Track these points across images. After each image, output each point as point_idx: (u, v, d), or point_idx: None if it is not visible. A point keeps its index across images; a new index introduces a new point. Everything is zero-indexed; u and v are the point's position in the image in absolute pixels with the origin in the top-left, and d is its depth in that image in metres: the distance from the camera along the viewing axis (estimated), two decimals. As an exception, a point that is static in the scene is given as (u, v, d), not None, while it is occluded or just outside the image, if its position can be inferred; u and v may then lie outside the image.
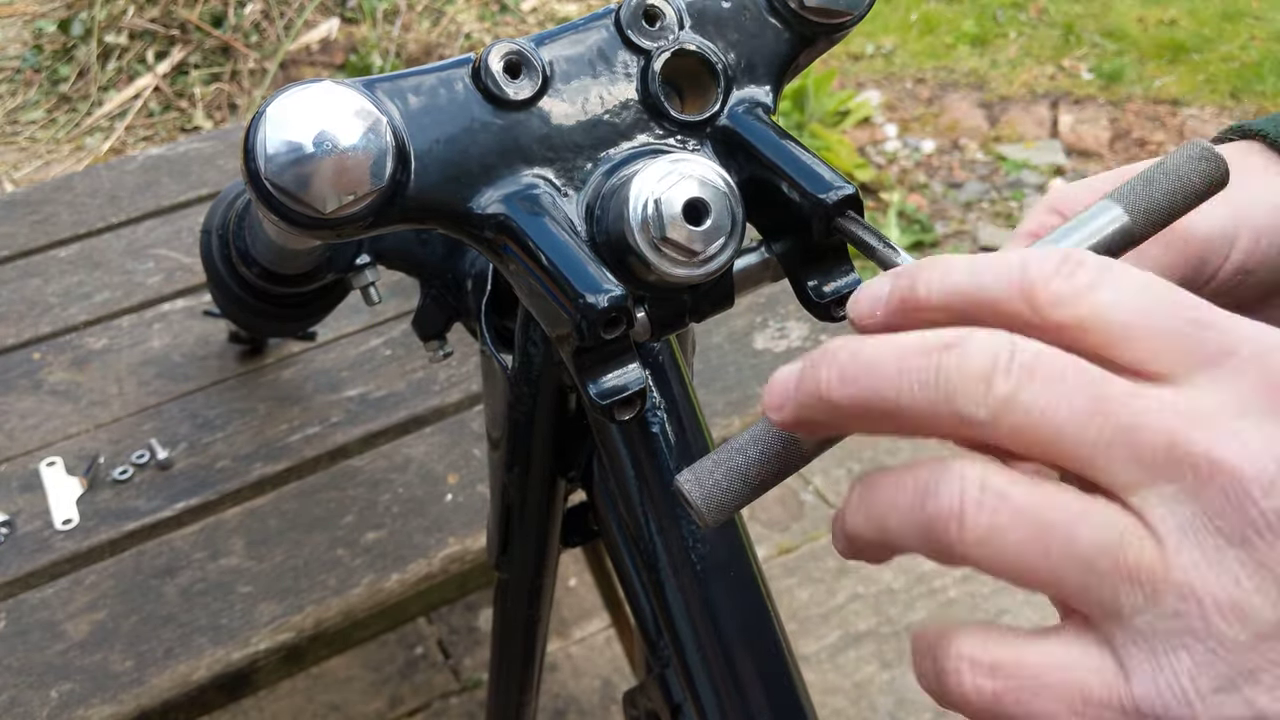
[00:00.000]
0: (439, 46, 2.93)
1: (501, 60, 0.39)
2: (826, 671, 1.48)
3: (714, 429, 0.92)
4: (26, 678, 0.80)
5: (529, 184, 0.39)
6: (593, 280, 0.35)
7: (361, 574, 0.87)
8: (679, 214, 0.36)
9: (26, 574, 0.88)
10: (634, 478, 0.50)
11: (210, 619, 0.84)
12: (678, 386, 0.50)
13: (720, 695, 0.49)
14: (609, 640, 1.51)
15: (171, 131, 2.69)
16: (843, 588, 1.58)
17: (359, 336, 1.10)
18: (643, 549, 0.51)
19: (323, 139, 0.35)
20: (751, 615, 0.49)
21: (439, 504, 0.93)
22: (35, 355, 1.09)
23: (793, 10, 0.42)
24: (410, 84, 0.38)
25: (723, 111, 0.41)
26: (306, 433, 1.00)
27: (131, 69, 2.78)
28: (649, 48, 0.40)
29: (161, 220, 1.27)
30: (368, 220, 0.37)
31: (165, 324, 1.12)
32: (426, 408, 1.02)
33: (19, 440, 1.00)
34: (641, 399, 0.38)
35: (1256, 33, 2.93)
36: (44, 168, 2.59)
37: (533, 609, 0.70)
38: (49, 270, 1.20)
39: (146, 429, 1.00)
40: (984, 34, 3.02)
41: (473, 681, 1.46)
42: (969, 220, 2.41)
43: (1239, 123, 0.45)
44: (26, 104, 2.78)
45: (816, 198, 0.37)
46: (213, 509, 0.93)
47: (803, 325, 1.09)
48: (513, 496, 0.63)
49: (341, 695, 1.44)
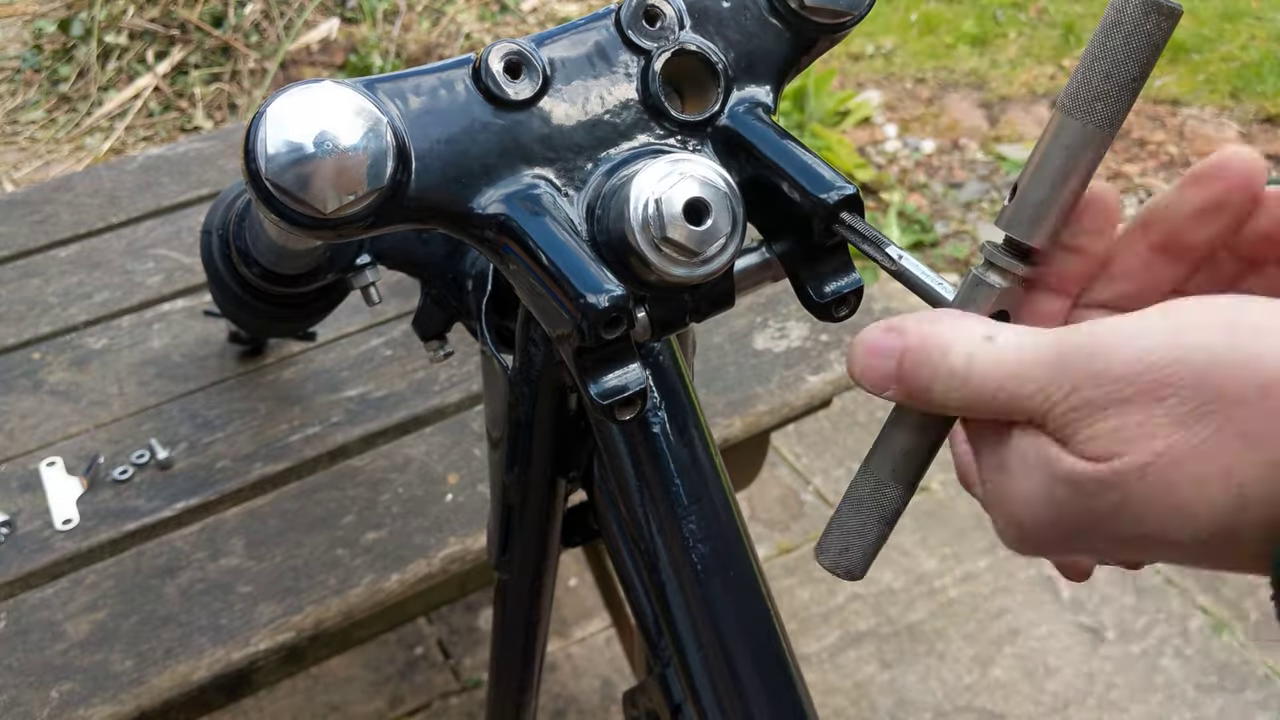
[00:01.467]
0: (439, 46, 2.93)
1: (502, 60, 0.39)
2: (826, 671, 1.48)
3: (714, 429, 0.92)
4: (26, 678, 0.80)
5: (530, 184, 0.39)
6: (593, 280, 0.35)
7: (361, 574, 0.87)
8: (679, 214, 0.36)
9: (26, 574, 0.88)
10: (634, 478, 0.50)
11: (210, 619, 0.84)
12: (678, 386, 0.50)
13: (720, 695, 0.49)
14: (609, 640, 1.51)
15: (171, 131, 2.69)
16: (843, 588, 1.58)
17: (359, 336, 1.10)
18: (643, 549, 0.51)
19: (323, 139, 0.35)
20: (751, 615, 0.49)
21: (439, 504, 0.93)
22: (35, 355, 1.09)
23: (793, 10, 0.42)
24: (411, 84, 0.38)
25: (723, 111, 0.41)
26: (306, 433, 1.00)
27: (131, 69, 2.78)
28: (649, 48, 0.40)
29: (161, 220, 1.27)
30: (368, 220, 0.37)
31: (165, 324, 1.12)
32: (427, 408, 1.02)
33: (19, 440, 1.00)
34: (642, 399, 0.38)
35: (1256, 33, 2.93)
36: (44, 168, 2.59)
37: (533, 609, 0.70)
38: (49, 270, 1.20)
39: (146, 429, 1.00)
40: (984, 34, 3.02)
41: (473, 681, 1.46)
42: (969, 220, 2.41)
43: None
44: (26, 104, 2.78)
45: (817, 198, 0.37)
46: (213, 509, 0.93)
47: (803, 325, 1.09)
48: (513, 496, 0.63)
49: (341, 695, 1.44)
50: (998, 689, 1.45)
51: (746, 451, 1.09)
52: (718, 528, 0.49)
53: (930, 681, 1.47)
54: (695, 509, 0.49)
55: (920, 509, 1.68)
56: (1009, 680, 1.46)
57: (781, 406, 1.01)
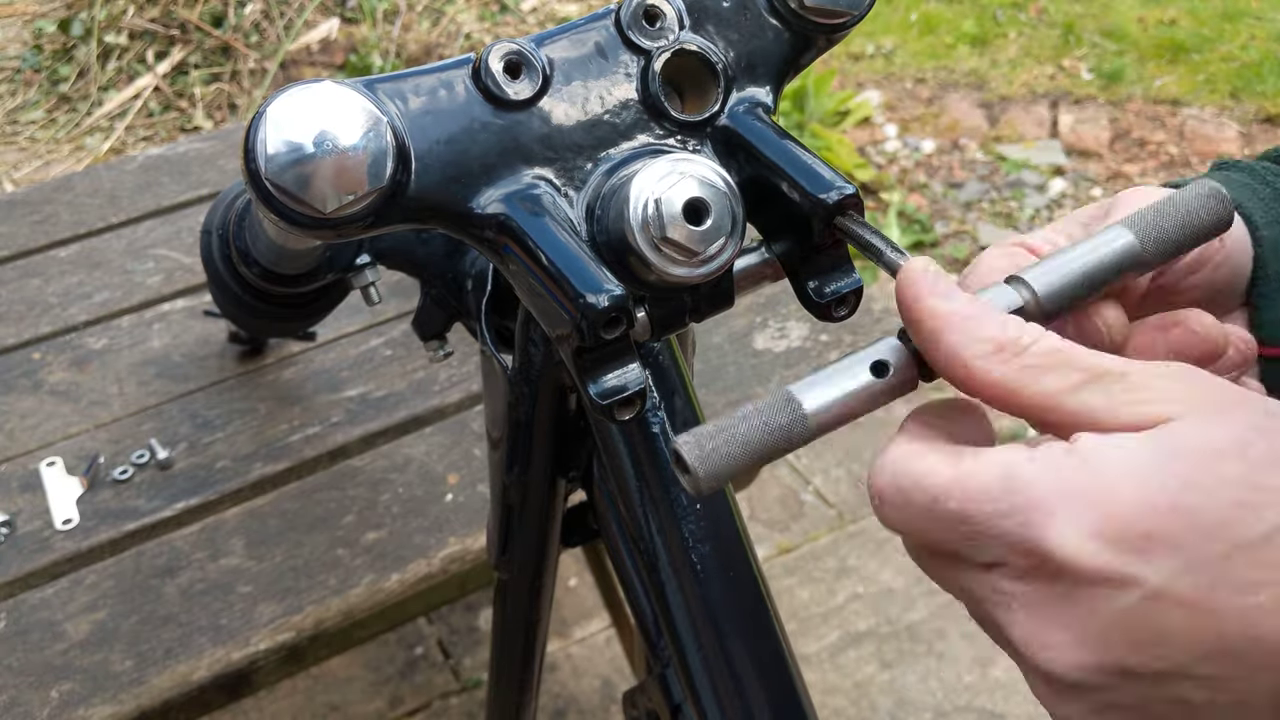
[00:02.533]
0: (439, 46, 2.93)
1: (502, 60, 0.39)
2: (826, 671, 1.48)
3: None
4: (26, 678, 0.80)
5: (529, 184, 0.39)
6: (593, 280, 0.35)
7: (361, 574, 0.87)
8: (679, 214, 0.36)
9: (26, 574, 0.88)
10: (634, 478, 0.50)
11: (210, 619, 0.84)
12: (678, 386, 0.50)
13: (720, 695, 0.49)
14: (609, 640, 1.51)
15: (171, 131, 2.69)
16: (843, 588, 1.58)
17: (359, 336, 1.10)
18: (643, 549, 0.51)
19: (323, 139, 0.35)
20: (751, 615, 0.49)
21: (439, 504, 0.93)
22: (35, 355, 1.09)
23: (793, 10, 0.42)
24: (410, 84, 0.38)
25: (723, 111, 0.41)
26: (306, 433, 1.00)
27: (131, 69, 2.78)
28: (649, 48, 0.40)
29: (161, 220, 1.27)
30: (368, 220, 0.37)
31: (165, 324, 1.12)
32: (426, 408, 1.02)
33: (19, 440, 1.00)
34: (642, 399, 0.38)
35: (1256, 33, 2.93)
36: (44, 168, 2.59)
37: (533, 609, 0.70)
38: (49, 270, 1.20)
39: (146, 429, 1.00)
40: (984, 34, 3.02)
41: (473, 681, 1.46)
42: (969, 220, 2.41)
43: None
44: (26, 104, 2.78)
45: (817, 198, 0.37)
46: (213, 509, 0.93)
47: (803, 325, 1.09)
48: (513, 496, 0.63)
49: (341, 695, 1.44)
50: (998, 689, 1.45)
51: (746, 451, 1.09)
52: (717, 528, 0.49)
53: (930, 681, 1.47)
54: (695, 509, 0.49)
55: (920, 509, 1.68)
56: (1009, 680, 1.46)
57: (781, 406, 1.01)
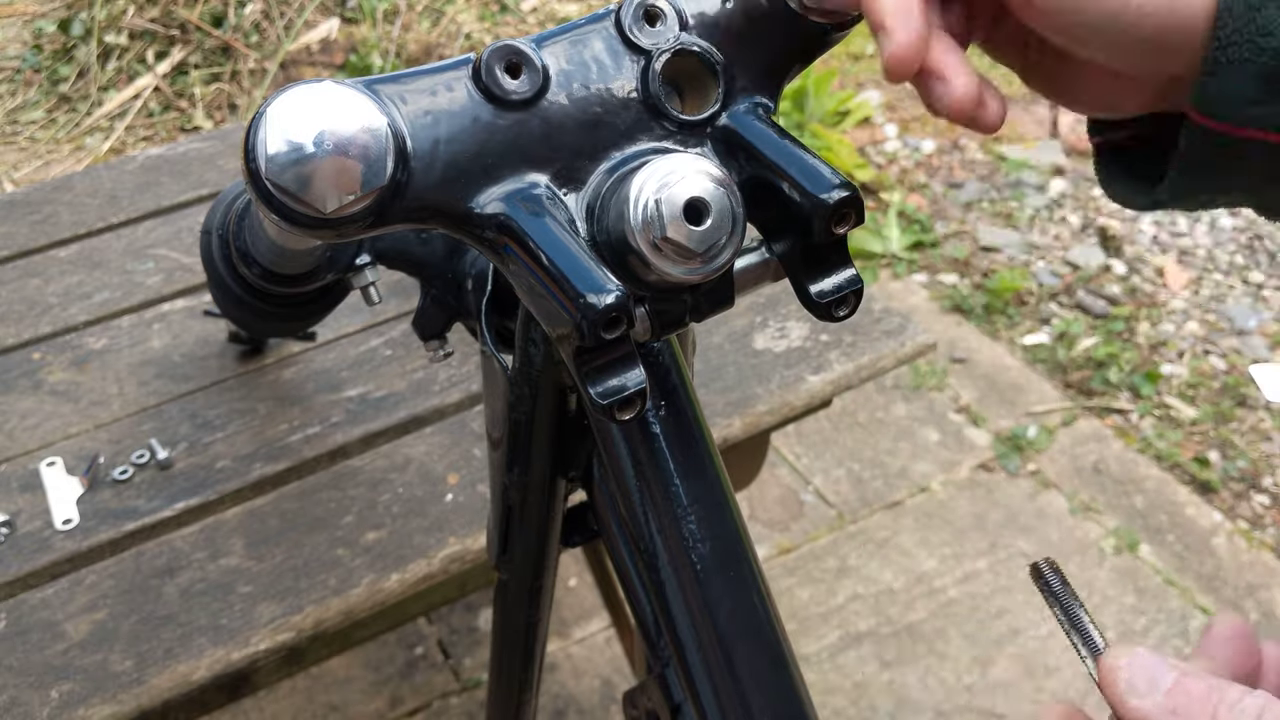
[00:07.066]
0: (439, 46, 2.93)
1: (502, 60, 0.39)
2: (826, 671, 1.48)
3: (714, 429, 0.92)
4: (26, 678, 0.80)
5: (530, 184, 0.39)
6: (593, 280, 0.35)
7: (361, 574, 0.87)
8: (679, 214, 0.36)
9: (26, 574, 0.88)
10: (634, 478, 0.50)
11: (210, 619, 0.84)
12: (678, 386, 0.50)
13: (720, 695, 0.49)
14: (609, 640, 1.51)
15: (171, 131, 2.70)
16: (843, 588, 1.58)
17: (359, 336, 1.10)
18: (643, 549, 0.51)
19: (323, 139, 0.35)
20: (751, 615, 0.49)
21: (439, 504, 0.93)
22: (35, 355, 1.09)
23: (793, 10, 0.42)
24: (411, 84, 0.38)
25: (723, 111, 0.41)
26: (306, 433, 1.00)
27: (131, 69, 2.78)
28: (649, 48, 0.40)
29: (161, 220, 1.27)
30: (368, 220, 0.37)
31: (165, 324, 1.12)
32: (426, 408, 1.02)
33: (19, 440, 1.00)
34: (642, 399, 0.38)
35: (1256, 33, 2.93)
36: (44, 168, 2.59)
37: (533, 609, 0.70)
38: (49, 270, 1.20)
39: (146, 429, 1.00)
40: (984, 34, 3.02)
41: (473, 681, 1.46)
42: (969, 220, 2.41)
43: None
44: (26, 104, 2.78)
45: (817, 197, 0.37)
46: (213, 509, 0.93)
47: (803, 325, 1.09)
48: (513, 496, 0.63)
49: (341, 695, 1.45)
50: (998, 689, 1.45)
51: (746, 451, 1.09)
52: (717, 528, 0.49)
53: (930, 681, 1.47)
54: (695, 509, 0.49)
55: (920, 509, 1.68)
56: (1009, 680, 1.46)
57: (781, 406, 1.01)
